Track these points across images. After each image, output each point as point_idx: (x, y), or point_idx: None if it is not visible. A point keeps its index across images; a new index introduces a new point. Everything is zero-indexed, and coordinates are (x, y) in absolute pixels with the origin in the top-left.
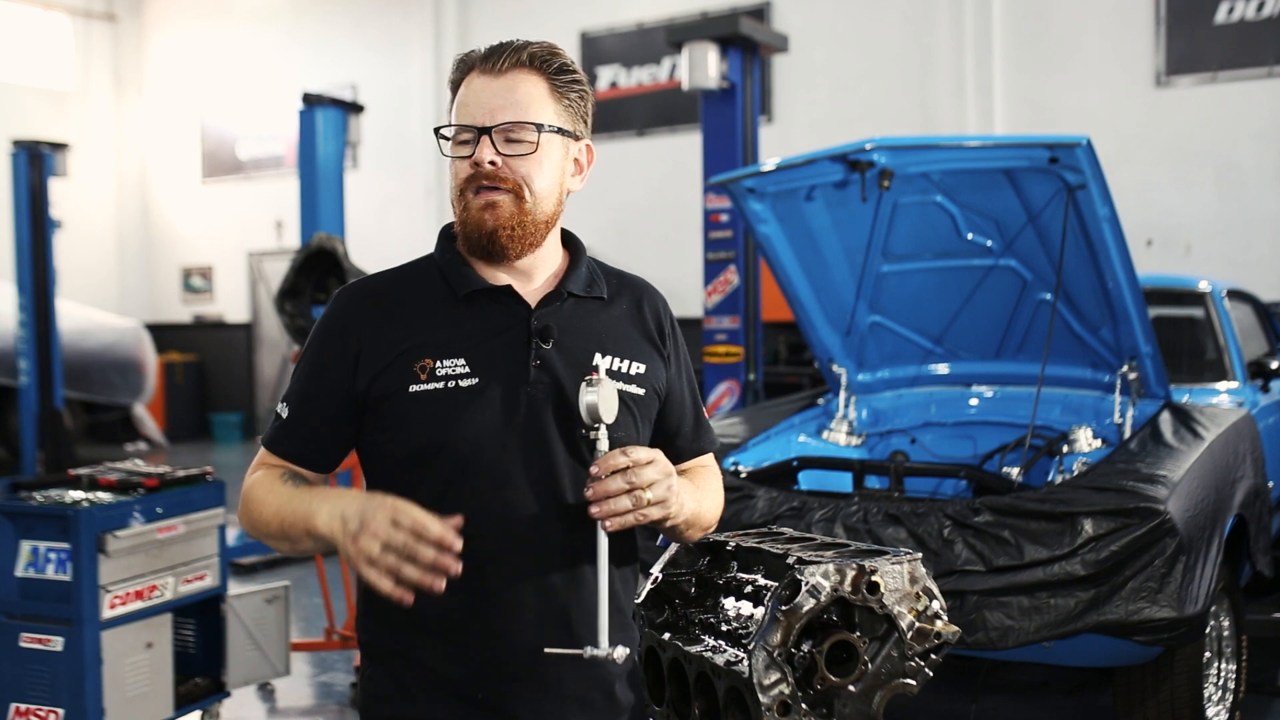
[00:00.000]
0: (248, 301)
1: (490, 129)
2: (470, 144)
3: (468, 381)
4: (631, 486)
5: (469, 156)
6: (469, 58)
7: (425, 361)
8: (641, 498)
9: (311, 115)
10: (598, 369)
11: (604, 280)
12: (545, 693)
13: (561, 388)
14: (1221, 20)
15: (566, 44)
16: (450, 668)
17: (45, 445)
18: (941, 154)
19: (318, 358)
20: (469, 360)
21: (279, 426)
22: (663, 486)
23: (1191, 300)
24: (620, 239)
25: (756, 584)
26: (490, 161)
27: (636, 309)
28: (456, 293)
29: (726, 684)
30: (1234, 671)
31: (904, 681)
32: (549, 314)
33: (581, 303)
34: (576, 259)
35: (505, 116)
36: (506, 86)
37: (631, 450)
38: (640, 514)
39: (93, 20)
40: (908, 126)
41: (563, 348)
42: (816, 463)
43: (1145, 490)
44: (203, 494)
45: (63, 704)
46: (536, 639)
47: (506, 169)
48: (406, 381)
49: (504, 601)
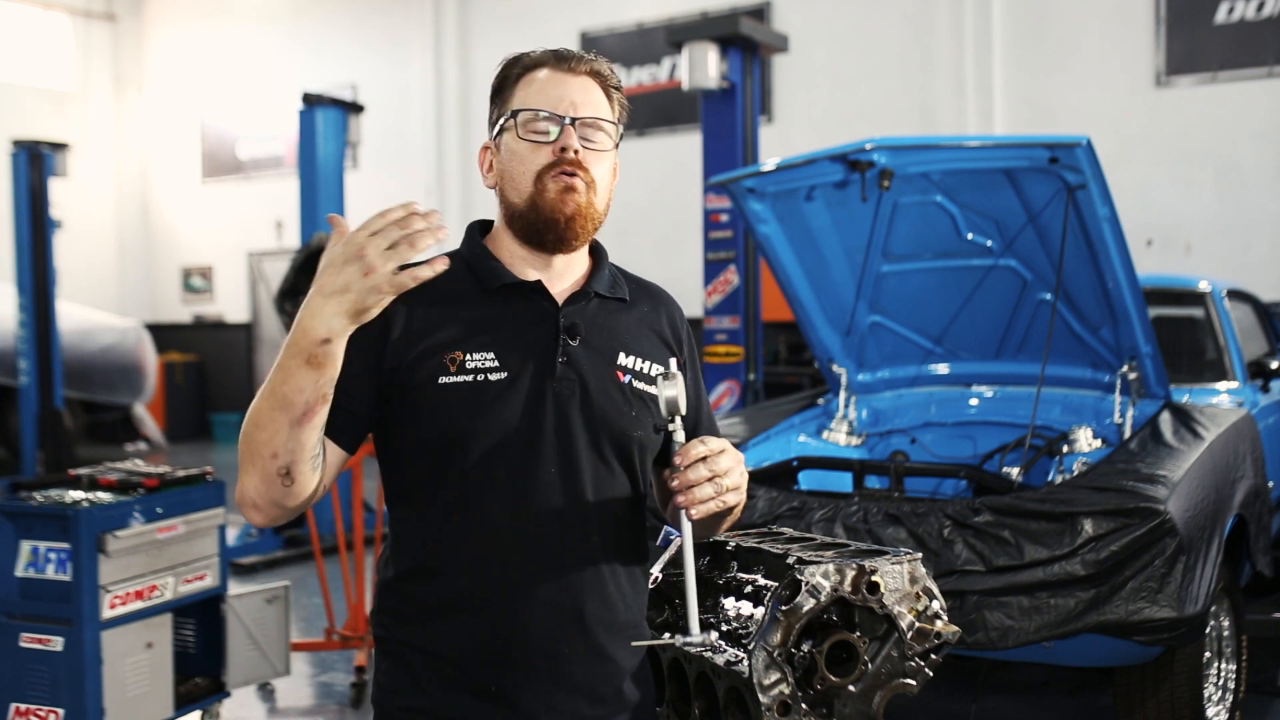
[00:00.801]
0: (248, 301)
1: (577, 120)
2: (546, 131)
3: (496, 375)
4: (713, 474)
5: (550, 143)
6: (529, 56)
7: (455, 354)
8: (722, 484)
9: (311, 115)
10: (670, 364)
11: (624, 283)
12: (557, 685)
13: (586, 385)
14: (1221, 20)
15: (566, 44)
16: (464, 660)
17: (45, 445)
18: (941, 154)
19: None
20: (498, 354)
21: None
22: (737, 473)
23: (1191, 300)
24: (620, 239)
25: (756, 584)
26: (575, 150)
27: (654, 314)
28: (486, 286)
29: (726, 684)
30: (1234, 671)
31: (904, 681)
32: (576, 312)
33: (605, 303)
34: (599, 262)
35: (588, 112)
36: (584, 86)
37: (708, 440)
38: (720, 500)
39: (93, 20)
40: (908, 126)
41: (588, 346)
42: (816, 463)
43: (1145, 490)
44: (203, 494)
45: (63, 704)
46: (550, 632)
47: (585, 160)
48: (436, 373)
49: (519, 595)
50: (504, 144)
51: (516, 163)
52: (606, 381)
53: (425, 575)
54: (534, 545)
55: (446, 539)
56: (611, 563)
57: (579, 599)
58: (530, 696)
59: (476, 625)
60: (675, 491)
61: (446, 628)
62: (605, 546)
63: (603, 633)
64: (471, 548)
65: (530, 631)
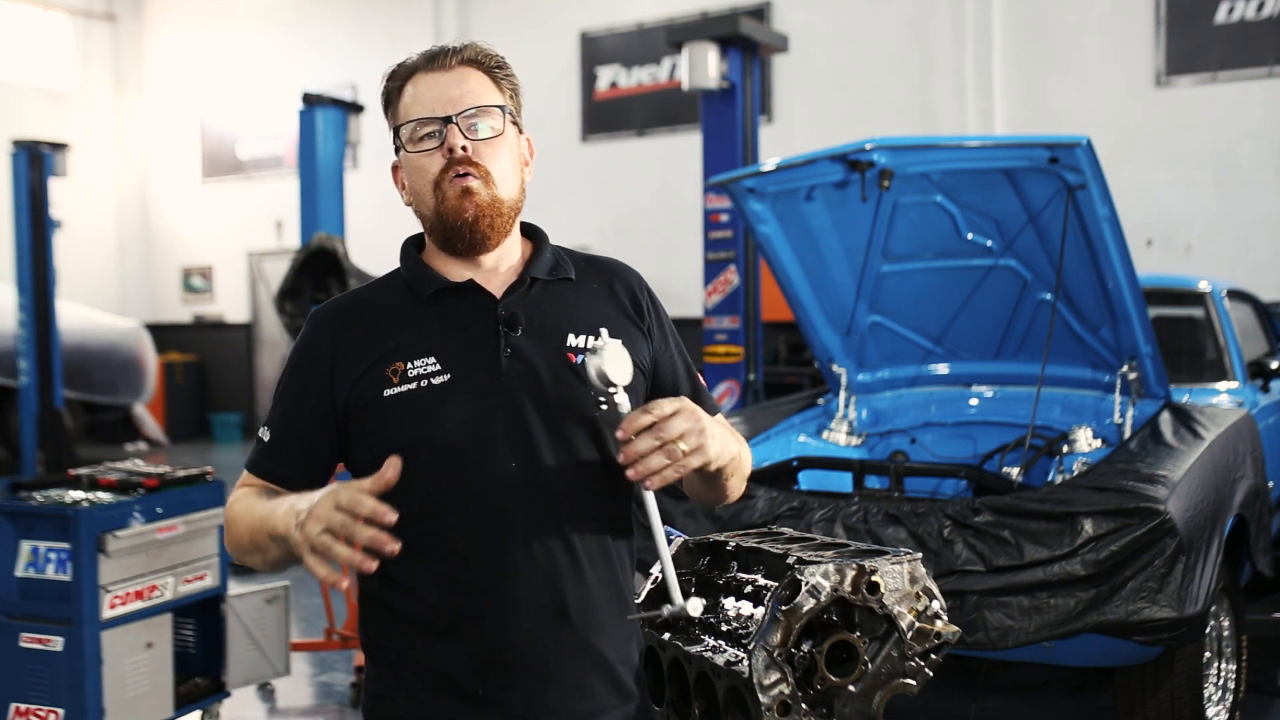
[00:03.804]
0: (248, 301)
1: (455, 116)
2: (434, 137)
3: (440, 379)
4: (662, 442)
5: (436, 148)
6: (404, 66)
7: (396, 365)
8: (675, 450)
9: (311, 115)
10: (599, 334)
11: (570, 263)
12: (546, 683)
13: (538, 374)
14: (1221, 20)
15: (566, 44)
16: (449, 664)
17: (45, 445)
18: (941, 154)
19: (295, 379)
20: (439, 357)
21: (260, 449)
22: (694, 434)
23: (1191, 300)
24: (620, 239)
25: (756, 584)
26: (462, 147)
27: (609, 288)
28: (420, 295)
29: (726, 684)
30: (1234, 671)
31: (904, 681)
32: (514, 302)
33: (548, 286)
34: (540, 247)
35: (468, 103)
36: (458, 79)
37: (655, 405)
38: (679, 466)
39: (93, 20)
40: (908, 126)
41: (533, 333)
42: (816, 463)
43: (1145, 490)
44: (203, 494)
45: (63, 704)
46: (533, 630)
47: (476, 155)
48: (380, 387)
49: (498, 594)
50: (403, 161)
51: (416, 176)
52: (558, 366)
53: (402, 590)
54: (506, 543)
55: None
56: (590, 550)
57: (559, 593)
58: (521, 698)
59: (461, 635)
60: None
61: (431, 640)
62: (581, 535)
63: (588, 624)
64: (441, 556)
65: (514, 633)
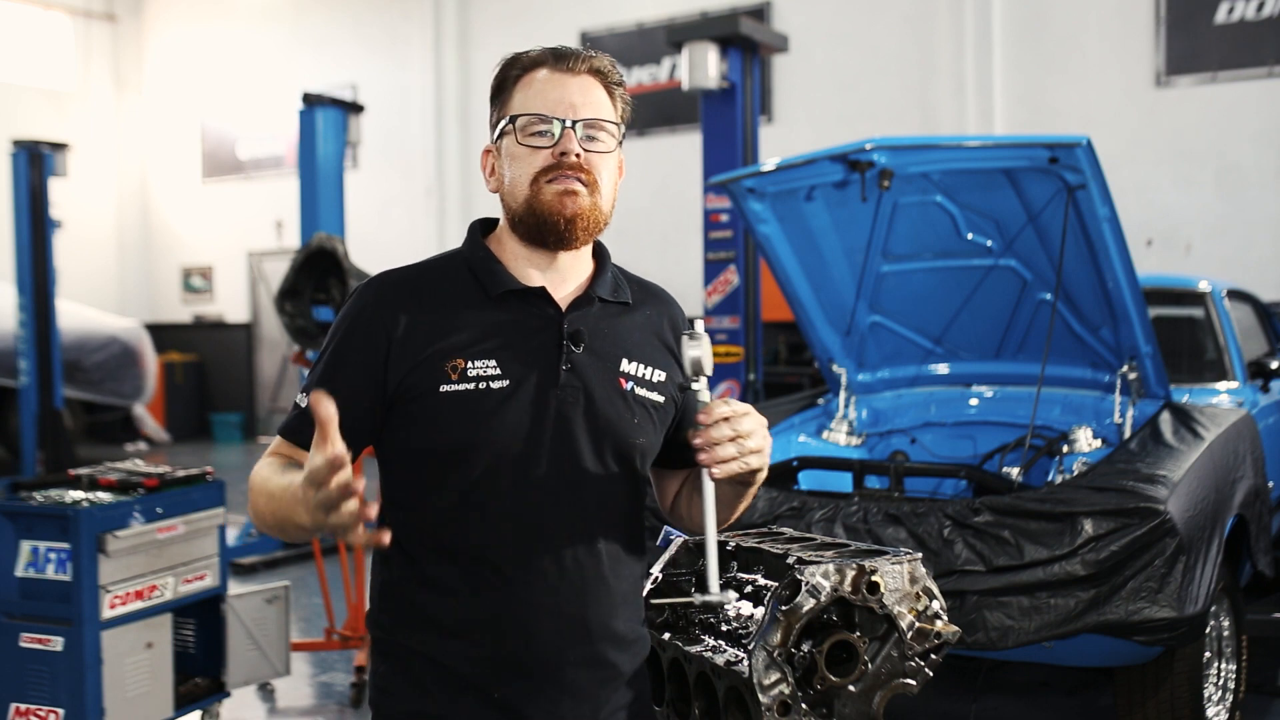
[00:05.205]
0: (248, 301)
1: (578, 122)
2: (546, 135)
3: (498, 383)
4: (736, 435)
5: (548, 147)
6: (527, 56)
7: (457, 361)
8: (745, 445)
9: (311, 115)
10: (693, 322)
11: (626, 287)
12: (563, 693)
13: (590, 393)
14: (1221, 20)
15: (566, 44)
16: (467, 666)
17: (45, 445)
18: (941, 154)
19: (345, 345)
20: (500, 362)
21: (298, 415)
22: (760, 436)
23: (1191, 300)
24: (620, 239)
25: (756, 584)
26: (576, 154)
27: (657, 317)
28: (489, 292)
29: (726, 684)
30: (1234, 671)
31: (904, 681)
32: (579, 318)
33: (607, 307)
34: (602, 264)
35: (589, 113)
36: (583, 86)
37: (732, 401)
38: (743, 462)
39: (93, 20)
40: (908, 126)
41: (591, 353)
42: (816, 463)
43: (1145, 490)
44: (203, 494)
45: (63, 704)
46: (556, 641)
47: (586, 163)
48: (438, 381)
49: (523, 601)
50: (504, 148)
51: (516, 167)
52: (610, 389)
53: (428, 585)
54: (537, 553)
55: (447, 548)
56: (615, 569)
57: (583, 607)
58: (536, 705)
59: (482, 636)
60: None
61: (450, 638)
62: (609, 553)
63: (606, 639)
64: (473, 558)
65: (536, 641)
